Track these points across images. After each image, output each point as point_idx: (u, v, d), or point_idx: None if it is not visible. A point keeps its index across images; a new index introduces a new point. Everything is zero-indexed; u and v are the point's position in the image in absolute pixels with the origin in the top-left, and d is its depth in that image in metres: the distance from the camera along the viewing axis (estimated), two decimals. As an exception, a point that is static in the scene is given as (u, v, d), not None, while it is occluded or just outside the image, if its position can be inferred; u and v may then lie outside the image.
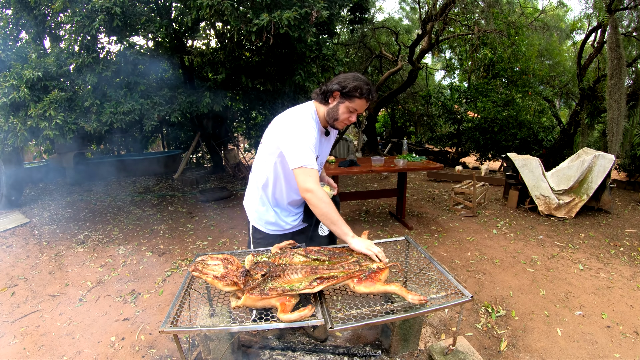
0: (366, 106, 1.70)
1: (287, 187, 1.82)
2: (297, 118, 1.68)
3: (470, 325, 2.50)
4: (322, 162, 1.91)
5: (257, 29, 3.69)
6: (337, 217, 1.57)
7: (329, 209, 1.55)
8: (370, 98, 1.66)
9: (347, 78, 1.66)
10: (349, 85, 1.63)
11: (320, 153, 1.82)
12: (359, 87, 1.62)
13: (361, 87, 1.62)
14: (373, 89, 1.67)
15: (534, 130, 9.35)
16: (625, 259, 3.60)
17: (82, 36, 3.95)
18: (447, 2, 7.20)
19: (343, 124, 1.73)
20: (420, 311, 1.42)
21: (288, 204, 1.88)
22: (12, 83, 3.83)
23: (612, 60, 6.04)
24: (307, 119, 1.68)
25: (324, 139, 1.84)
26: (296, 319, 1.29)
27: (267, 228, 1.89)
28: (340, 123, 1.72)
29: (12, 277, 3.26)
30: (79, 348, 2.30)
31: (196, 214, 5.09)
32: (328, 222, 1.58)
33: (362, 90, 1.63)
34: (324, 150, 1.86)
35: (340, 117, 1.69)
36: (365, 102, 1.66)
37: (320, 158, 1.85)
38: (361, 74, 1.70)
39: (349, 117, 1.69)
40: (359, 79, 1.65)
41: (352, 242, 1.59)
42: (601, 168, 4.77)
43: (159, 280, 3.17)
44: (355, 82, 1.64)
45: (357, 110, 1.68)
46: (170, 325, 1.31)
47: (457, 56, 11.57)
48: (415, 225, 4.54)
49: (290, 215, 1.90)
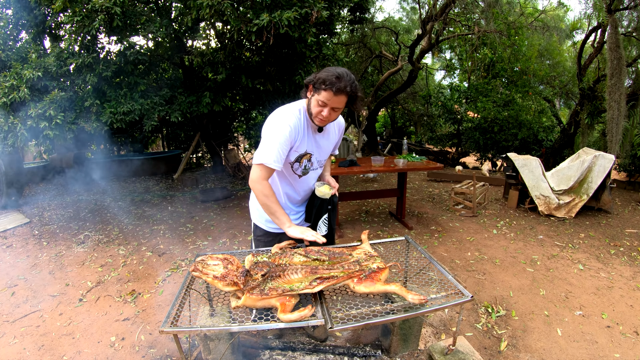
0: (339, 100, 1.55)
1: (282, 185, 1.83)
2: (276, 116, 1.66)
3: (470, 325, 2.50)
4: (322, 159, 1.85)
5: (257, 29, 3.69)
6: (276, 208, 1.65)
7: (268, 201, 1.64)
8: (336, 90, 1.52)
9: (321, 70, 1.58)
10: (317, 76, 1.56)
11: (314, 149, 1.77)
12: (325, 78, 1.52)
13: (327, 78, 1.51)
14: (345, 82, 1.52)
15: (534, 130, 9.35)
16: (625, 259, 3.60)
17: (82, 36, 3.95)
18: (447, 2, 7.19)
19: (319, 120, 1.63)
20: (420, 311, 1.42)
21: (287, 202, 1.89)
22: (12, 83, 3.83)
23: (612, 60, 6.04)
24: (285, 116, 1.64)
25: (317, 135, 1.77)
26: (296, 319, 1.29)
27: (267, 225, 1.91)
28: (316, 118, 1.63)
29: (12, 277, 3.26)
30: (79, 348, 2.29)
31: (196, 214, 5.09)
32: (268, 213, 1.69)
33: (326, 82, 1.51)
34: (318, 146, 1.79)
35: (313, 112, 1.61)
36: (333, 94, 1.52)
37: (317, 155, 1.80)
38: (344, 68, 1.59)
39: (320, 110, 1.58)
40: (329, 71, 1.54)
41: (288, 230, 1.62)
42: (601, 168, 4.77)
43: (159, 280, 3.17)
44: (324, 73, 1.55)
45: (327, 104, 1.56)
46: (170, 325, 1.31)
47: (457, 56, 11.57)
48: (415, 225, 4.54)
49: (291, 213, 1.90)
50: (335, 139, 1.91)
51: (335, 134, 1.88)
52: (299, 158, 1.73)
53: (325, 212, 1.85)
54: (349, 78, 1.54)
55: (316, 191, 1.75)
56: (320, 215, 1.85)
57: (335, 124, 1.86)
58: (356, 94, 1.59)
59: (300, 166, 1.76)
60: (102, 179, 7.59)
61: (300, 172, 1.78)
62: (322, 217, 1.85)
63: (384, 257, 1.94)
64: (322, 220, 1.86)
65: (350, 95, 1.57)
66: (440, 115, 11.37)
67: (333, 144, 1.90)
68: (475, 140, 9.72)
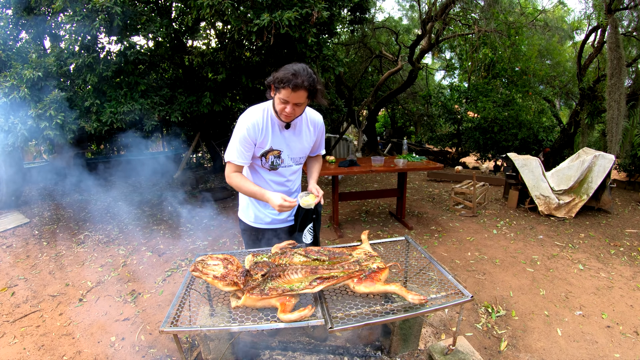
0: (298, 96, 1.57)
1: (255, 179, 1.89)
2: (240, 117, 1.76)
3: (470, 325, 2.50)
4: (295, 156, 1.86)
5: (258, 29, 3.69)
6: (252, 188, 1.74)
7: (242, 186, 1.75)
8: (294, 87, 1.54)
9: (279, 69, 1.61)
10: (275, 76, 1.60)
11: (282, 146, 1.80)
12: (283, 77, 1.55)
13: (285, 77, 1.55)
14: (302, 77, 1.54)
15: (534, 130, 9.35)
16: (625, 259, 3.60)
17: (82, 36, 3.95)
18: (448, 1, 7.19)
19: (284, 116, 1.67)
20: (420, 311, 1.42)
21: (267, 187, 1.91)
22: (12, 83, 3.83)
23: (612, 60, 6.04)
24: (246, 116, 1.73)
25: (286, 132, 1.79)
26: (296, 319, 1.29)
27: (247, 219, 1.98)
28: (281, 115, 1.67)
29: (12, 277, 3.26)
30: (79, 348, 2.30)
31: (196, 214, 5.09)
32: (248, 195, 1.81)
33: (284, 80, 1.54)
34: (287, 143, 1.81)
35: (277, 109, 1.67)
36: (292, 91, 1.55)
37: (288, 152, 1.82)
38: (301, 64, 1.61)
39: (283, 108, 1.62)
40: (286, 69, 1.57)
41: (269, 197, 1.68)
42: (601, 168, 4.77)
43: (159, 280, 3.17)
44: (281, 72, 1.58)
45: (290, 101, 1.59)
46: (170, 325, 1.31)
47: (457, 56, 11.57)
48: (415, 225, 4.54)
49: (268, 207, 1.91)
50: (311, 138, 1.89)
51: (309, 133, 1.87)
52: (265, 154, 1.79)
53: (310, 222, 1.87)
54: (305, 73, 1.57)
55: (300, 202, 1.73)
56: (306, 224, 1.86)
57: (309, 122, 1.86)
58: (315, 88, 1.61)
59: (267, 162, 1.81)
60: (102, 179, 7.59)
61: (268, 166, 1.83)
62: (307, 226, 1.86)
63: (384, 257, 1.94)
64: (308, 229, 1.87)
65: (310, 90, 1.59)
66: (440, 115, 11.37)
67: (308, 142, 1.89)
68: (475, 140, 9.72)
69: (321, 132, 1.94)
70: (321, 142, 2.00)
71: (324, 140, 2.01)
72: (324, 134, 1.99)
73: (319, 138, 1.95)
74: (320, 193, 1.84)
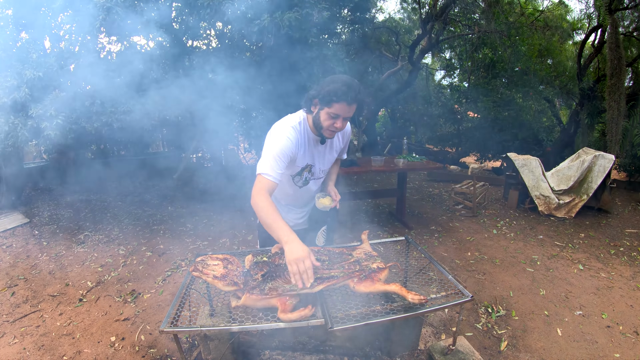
0: (350, 109, 1.52)
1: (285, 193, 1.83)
2: (275, 128, 1.64)
3: (470, 325, 2.50)
4: (324, 168, 1.82)
5: (258, 29, 3.69)
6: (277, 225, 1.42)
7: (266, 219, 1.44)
8: (350, 100, 1.48)
9: (325, 82, 1.53)
10: (324, 89, 1.50)
11: (316, 161, 1.75)
12: (334, 90, 1.46)
13: (337, 89, 1.46)
14: (355, 90, 1.48)
15: (534, 130, 9.35)
16: (625, 259, 3.60)
17: (82, 36, 3.94)
18: (448, 2, 7.19)
19: (330, 132, 1.59)
20: (420, 311, 1.42)
21: (286, 204, 1.89)
22: (12, 83, 3.83)
23: (612, 60, 6.04)
24: (285, 128, 1.61)
25: (320, 147, 1.74)
26: (296, 319, 1.29)
27: None
28: (327, 131, 1.58)
29: (12, 277, 3.26)
30: (79, 348, 2.30)
31: (196, 214, 5.09)
32: (266, 228, 1.47)
33: (338, 93, 1.46)
34: (320, 156, 1.76)
35: (324, 125, 1.56)
36: (347, 105, 1.49)
37: (320, 165, 1.78)
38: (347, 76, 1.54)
39: (333, 123, 1.54)
40: (335, 81, 1.49)
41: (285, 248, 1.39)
42: (601, 168, 4.77)
43: (159, 280, 3.17)
44: (331, 85, 1.48)
45: (341, 115, 1.52)
46: (170, 325, 1.31)
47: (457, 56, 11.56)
48: (415, 225, 4.54)
49: (291, 212, 1.90)
50: (340, 147, 1.87)
51: (339, 142, 1.85)
52: (301, 172, 1.71)
53: (323, 224, 1.83)
54: (356, 84, 1.50)
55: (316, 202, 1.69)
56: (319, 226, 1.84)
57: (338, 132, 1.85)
58: (365, 100, 1.55)
59: (301, 179, 1.74)
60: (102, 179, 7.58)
61: (301, 184, 1.77)
62: (321, 228, 1.84)
63: (384, 257, 1.94)
64: (321, 231, 1.85)
65: (361, 102, 1.53)
66: (440, 115, 11.37)
67: (337, 150, 1.87)
68: (475, 140, 9.72)
69: (349, 137, 1.90)
70: (346, 147, 1.94)
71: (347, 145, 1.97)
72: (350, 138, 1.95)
73: (346, 144, 1.91)
74: (338, 197, 1.77)
